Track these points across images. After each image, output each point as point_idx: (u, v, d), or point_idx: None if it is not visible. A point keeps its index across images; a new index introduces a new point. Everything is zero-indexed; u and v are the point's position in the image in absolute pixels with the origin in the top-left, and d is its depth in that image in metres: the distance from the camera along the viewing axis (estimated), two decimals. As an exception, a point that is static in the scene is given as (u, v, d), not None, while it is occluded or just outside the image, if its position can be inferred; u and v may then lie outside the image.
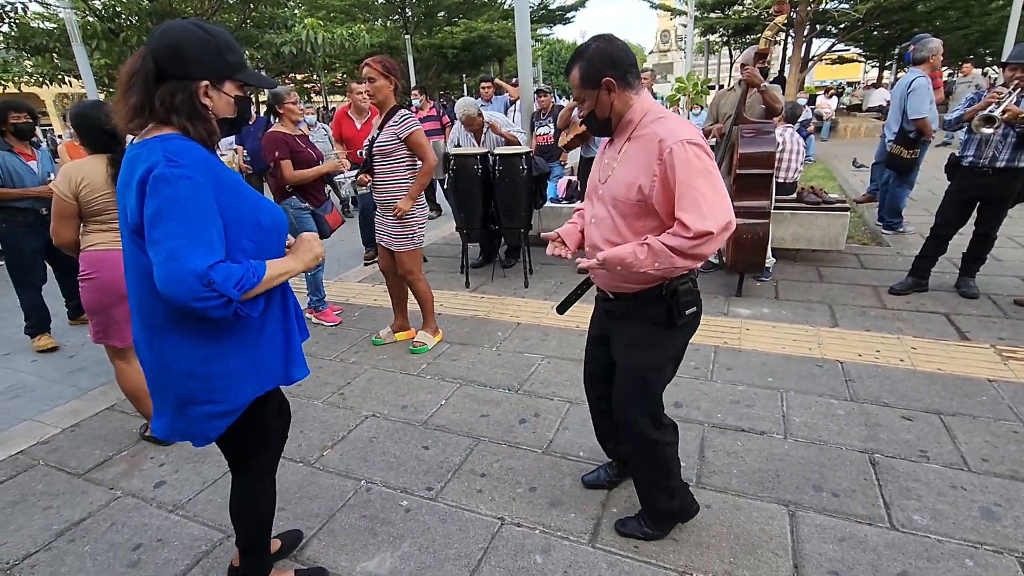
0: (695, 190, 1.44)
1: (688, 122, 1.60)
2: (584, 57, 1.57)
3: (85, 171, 2.36)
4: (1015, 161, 3.41)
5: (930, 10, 14.92)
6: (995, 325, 3.36)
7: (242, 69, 1.37)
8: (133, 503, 2.24)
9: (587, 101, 1.61)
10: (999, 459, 2.20)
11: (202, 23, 1.32)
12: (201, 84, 1.29)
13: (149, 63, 1.26)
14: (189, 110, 1.28)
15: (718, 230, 1.44)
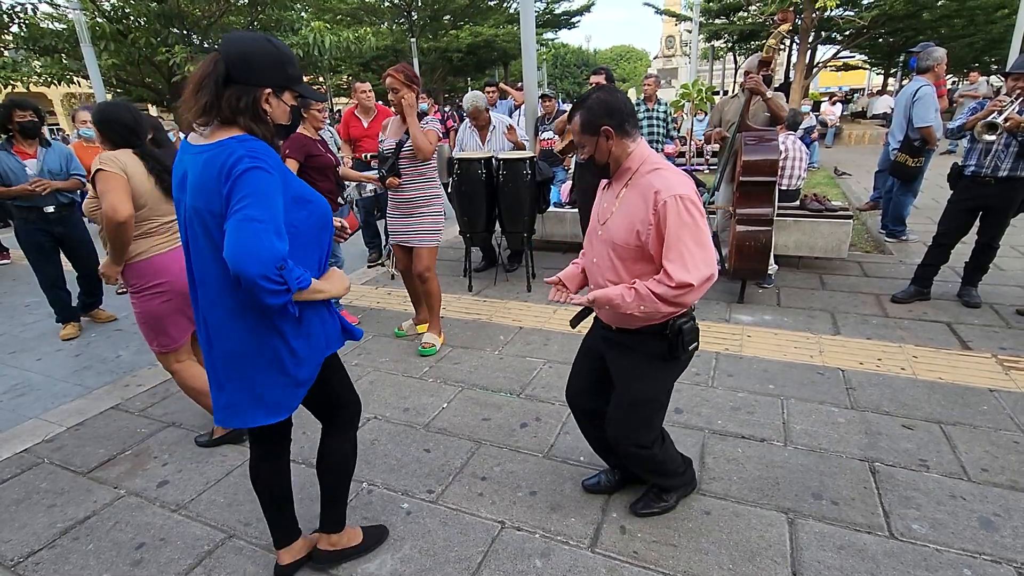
0: (682, 243, 1.57)
1: (682, 175, 1.67)
2: (585, 106, 1.69)
3: (125, 159, 2.32)
4: (1017, 171, 3.42)
5: (935, 18, 14.91)
6: (997, 335, 3.36)
7: (299, 82, 1.48)
8: (136, 502, 2.26)
9: (587, 147, 1.72)
10: (999, 469, 2.20)
11: (271, 37, 1.45)
12: (264, 91, 1.40)
13: (220, 67, 1.36)
14: (253, 113, 1.39)
15: (698, 283, 1.57)
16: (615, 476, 2.18)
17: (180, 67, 9.70)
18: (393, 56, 20.43)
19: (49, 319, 4.34)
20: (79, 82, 11.73)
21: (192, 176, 1.40)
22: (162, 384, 3.27)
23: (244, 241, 1.28)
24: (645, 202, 1.61)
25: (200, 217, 1.40)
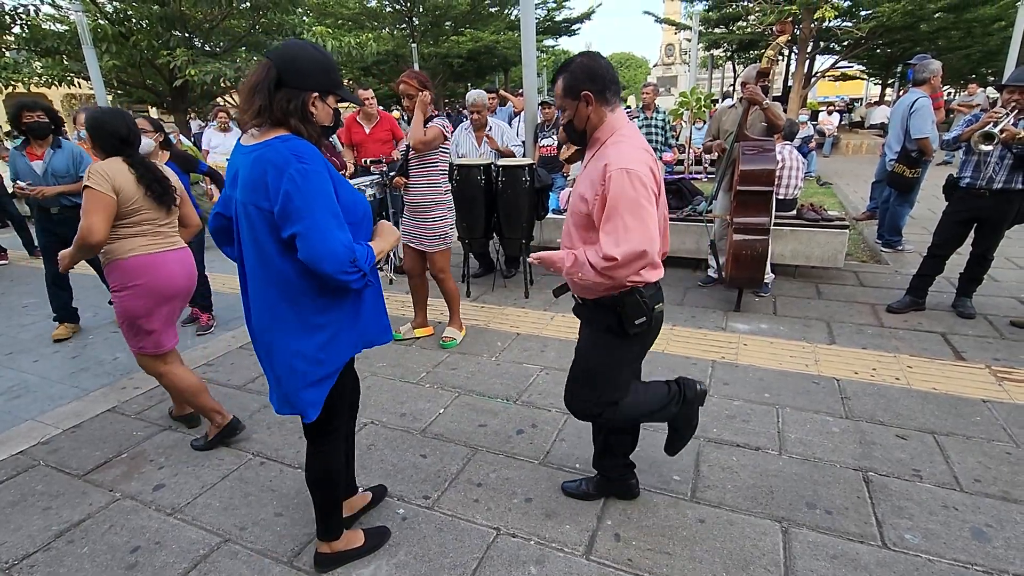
0: (619, 216, 1.57)
1: (641, 151, 1.65)
2: (568, 69, 1.69)
3: (116, 169, 2.33)
4: (1012, 183, 3.45)
5: (933, 30, 15.02)
6: (991, 346, 3.39)
7: (341, 86, 1.59)
8: (132, 505, 2.26)
9: (567, 110, 1.73)
10: (991, 480, 2.22)
11: (317, 45, 1.58)
12: (312, 94, 1.50)
13: (272, 73, 1.47)
14: (301, 114, 1.50)
15: (622, 258, 1.56)
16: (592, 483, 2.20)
17: (181, 70, 9.72)
18: (394, 61, 20.48)
19: (47, 320, 4.34)
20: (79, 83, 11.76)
21: (242, 174, 1.50)
22: (159, 387, 3.27)
23: (316, 246, 1.42)
24: (597, 172, 1.63)
25: (247, 211, 1.50)
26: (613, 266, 1.58)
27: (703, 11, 18.25)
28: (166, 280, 2.45)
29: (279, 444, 2.65)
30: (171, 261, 2.48)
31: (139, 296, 2.39)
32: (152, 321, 2.44)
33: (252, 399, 3.09)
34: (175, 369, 2.57)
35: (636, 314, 1.71)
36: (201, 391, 2.60)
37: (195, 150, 6.63)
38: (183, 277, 2.53)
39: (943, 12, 13.87)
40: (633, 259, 1.57)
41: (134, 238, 2.41)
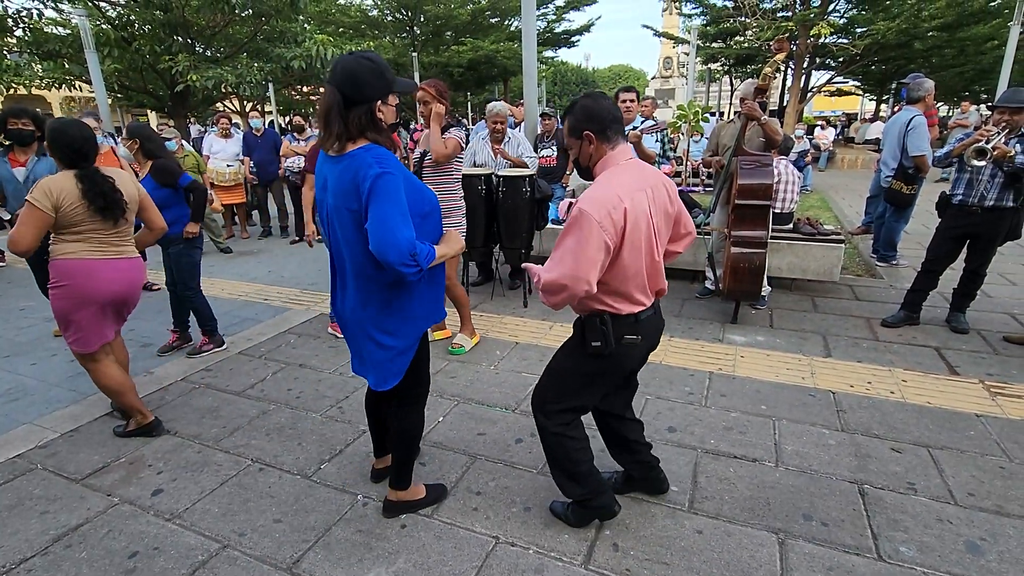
0: (562, 245, 1.70)
1: (609, 189, 1.70)
2: (572, 111, 1.82)
3: (62, 185, 2.43)
4: (1003, 201, 3.51)
5: (927, 48, 15.25)
6: (984, 360, 3.43)
7: (395, 83, 1.75)
8: (130, 510, 2.25)
9: (573, 148, 1.85)
10: (985, 494, 2.24)
11: (367, 54, 1.72)
12: (375, 104, 1.70)
13: (338, 97, 1.66)
14: (373, 126, 1.71)
15: (544, 283, 1.71)
16: (621, 478, 2.29)
17: (183, 75, 9.76)
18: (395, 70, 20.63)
19: (45, 323, 4.33)
20: (80, 86, 11.78)
21: (331, 181, 1.75)
22: (157, 392, 3.27)
23: (383, 235, 1.62)
24: None
25: (339, 213, 1.74)
26: (543, 287, 1.73)
27: (701, 26, 18.49)
28: (95, 286, 2.55)
29: (278, 451, 2.65)
30: (107, 269, 2.58)
31: (65, 296, 2.52)
32: (78, 321, 2.55)
33: (251, 405, 3.10)
34: (102, 367, 2.69)
35: (592, 336, 1.81)
36: (127, 391, 2.73)
37: (197, 156, 6.66)
38: (118, 284, 2.63)
39: (937, 31, 14.09)
40: (554, 288, 1.70)
41: (75, 243, 2.52)
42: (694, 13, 18.77)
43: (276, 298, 5.02)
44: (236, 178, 7.25)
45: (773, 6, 16.57)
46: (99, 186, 2.49)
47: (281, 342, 4.00)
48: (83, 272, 2.52)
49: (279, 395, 3.20)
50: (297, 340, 4.02)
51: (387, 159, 1.67)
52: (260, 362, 3.67)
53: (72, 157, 2.48)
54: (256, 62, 10.73)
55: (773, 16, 15.82)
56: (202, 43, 11.66)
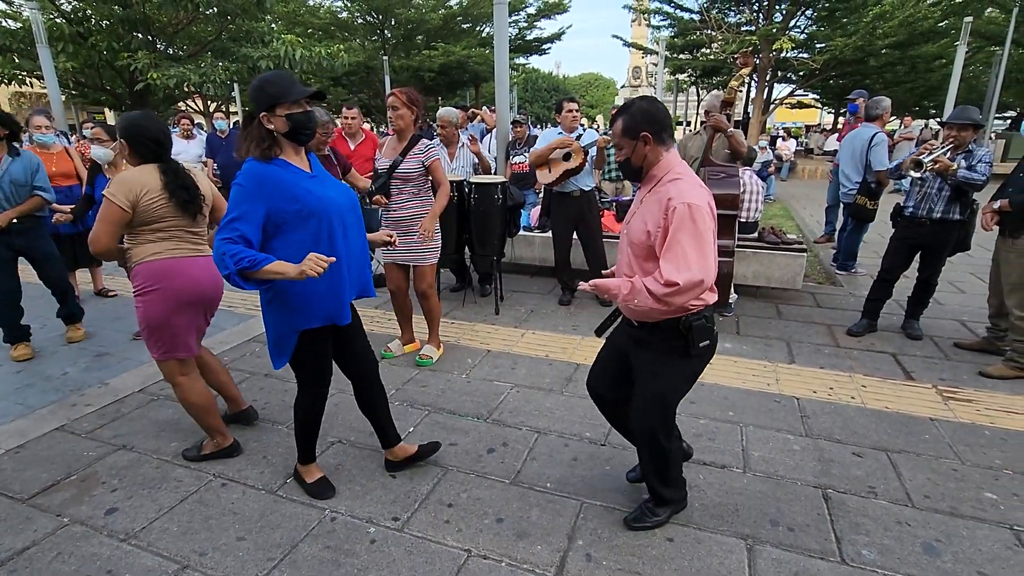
0: (680, 245, 1.68)
1: (699, 187, 1.78)
2: (629, 112, 1.83)
3: (143, 180, 2.31)
4: (949, 213, 3.68)
5: (881, 65, 15.96)
6: (937, 366, 3.58)
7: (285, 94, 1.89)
8: (81, 531, 2.14)
9: (625, 149, 1.86)
10: (940, 496, 2.33)
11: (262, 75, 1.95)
12: (260, 116, 1.89)
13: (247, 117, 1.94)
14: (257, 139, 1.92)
15: (684, 284, 1.66)
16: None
17: (142, 73, 9.45)
18: (365, 72, 20.41)
19: (-12, 332, 4.09)
20: (31, 82, 11.26)
21: None
22: (113, 404, 3.13)
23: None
24: (660, 206, 1.75)
25: None
26: (673, 292, 1.67)
27: (669, 37, 18.88)
28: (190, 285, 2.42)
29: (241, 465, 2.56)
30: (196, 267, 2.46)
31: (161, 300, 2.36)
32: (173, 327, 2.40)
33: (213, 417, 2.98)
34: (191, 382, 2.52)
35: (701, 336, 1.83)
36: (210, 411, 2.56)
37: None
38: (208, 282, 2.50)
39: (890, 48, 14.76)
40: (693, 286, 1.68)
41: (160, 242, 2.39)
42: (662, 25, 19.17)
43: (240, 305, 4.88)
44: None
45: (738, 20, 17.07)
46: (182, 179, 2.40)
47: (246, 351, 3.88)
48: (176, 272, 2.38)
49: (243, 406, 3.10)
50: (262, 349, 3.91)
51: (244, 172, 1.90)
52: (223, 372, 3.54)
53: (156, 150, 2.38)
54: (221, 62, 10.46)
55: (738, 30, 16.30)
56: (164, 41, 11.31)
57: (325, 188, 2.04)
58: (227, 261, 1.79)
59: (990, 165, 3.54)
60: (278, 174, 1.92)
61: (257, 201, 1.87)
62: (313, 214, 1.96)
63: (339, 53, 11.24)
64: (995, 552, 2.02)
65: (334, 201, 2.04)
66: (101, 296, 5.10)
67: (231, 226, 1.84)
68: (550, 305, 4.78)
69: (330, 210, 2.01)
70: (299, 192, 1.93)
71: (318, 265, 1.85)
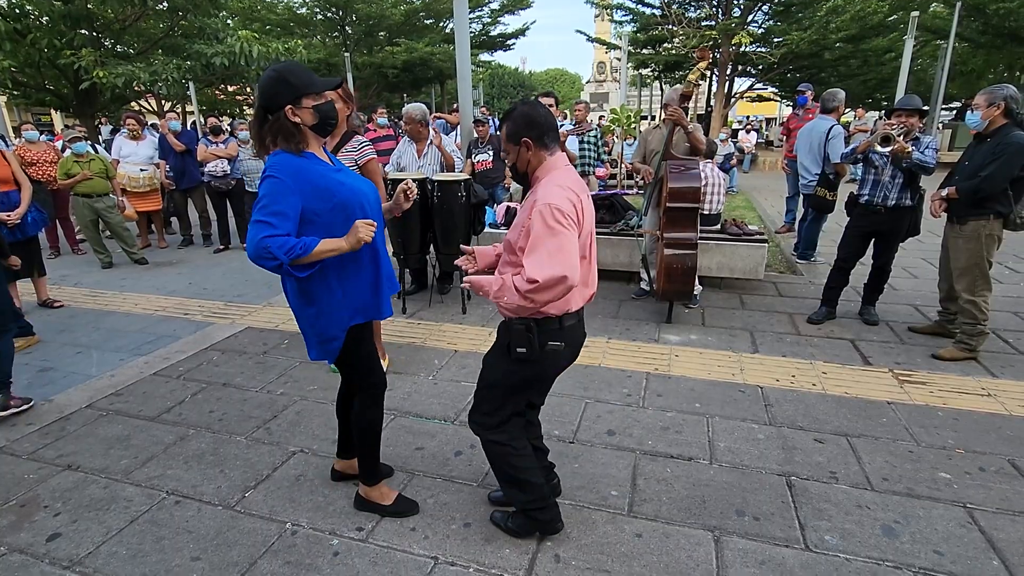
0: (541, 243, 1.67)
1: (562, 188, 1.73)
2: (511, 117, 1.82)
3: None
4: (902, 200, 3.80)
5: (835, 58, 16.46)
6: (893, 350, 3.68)
7: (310, 85, 1.83)
8: (20, 560, 2.01)
9: (511, 154, 1.85)
10: (897, 478, 2.39)
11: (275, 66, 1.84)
12: (286, 109, 1.80)
13: (259, 111, 1.84)
14: (281, 131, 1.81)
15: (544, 280, 1.64)
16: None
17: (88, 71, 9.00)
18: (326, 70, 19.95)
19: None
20: (-34, 83, 10.63)
21: None
22: (57, 422, 2.96)
23: (248, 236, 1.77)
24: (528, 207, 1.76)
25: None
26: (535, 288, 1.65)
27: (631, 32, 19.06)
28: None
29: (197, 480, 2.45)
30: None
31: None
32: None
33: (167, 431, 2.86)
34: None
35: (518, 342, 1.80)
36: None
37: (104, 160, 6.14)
38: None
39: (843, 42, 15.23)
40: (554, 283, 1.65)
41: None
42: (625, 20, 19.33)
43: (197, 312, 4.70)
44: (151, 183, 6.75)
45: (697, 15, 17.32)
46: None
47: (202, 360, 3.73)
48: None
49: (199, 418, 2.98)
50: (220, 357, 3.76)
51: (278, 165, 1.79)
52: (178, 383, 3.40)
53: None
54: (173, 59, 10.06)
55: (698, 25, 16.54)
56: (110, 38, 10.80)
57: (354, 180, 2.00)
58: (276, 253, 1.73)
59: (936, 151, 3.65)
60: (312, 167, 1.85)
61: (294, 194, 1.79)
62: (348, 206, 1.91)
63: (297, 49, 10.94)
64: (950, 531, 2.08)
65: (365, 192, 1.99)
66: (46, 307, 4.83)
67: (272, 220, 1.74)
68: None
69: (364, 201, 1.96)
70: (332, 185, 1.88)
71: (370, 229, 1.85)
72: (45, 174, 6.21)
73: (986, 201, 3.34)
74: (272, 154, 1.82)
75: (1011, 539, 2.04)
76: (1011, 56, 15.67)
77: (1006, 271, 5.50)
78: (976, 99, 3.38)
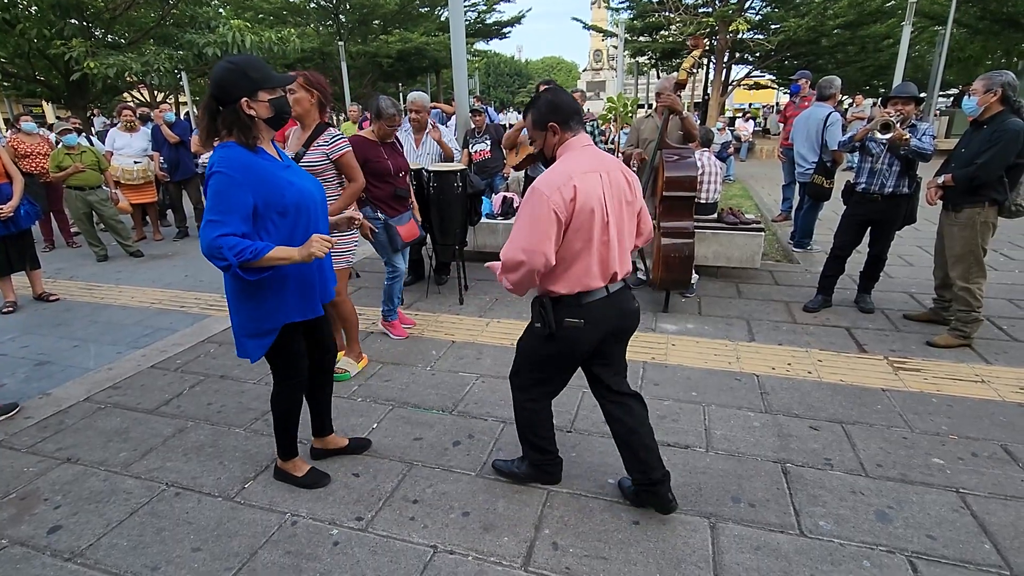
0: (517, 223, 1.81)
1: (563, 175, 1.78)
2: (536, 106, 1.91)
3: None
4: (899, 188, 3.80)
5: (832, 45, 16.40)
6: (888, 338, 3.71)
7: (267, 79, 1.85)
8: (22, 552, 2.02)
9: (537, 140, 1.94)
10: (891, 464, 2.42)
11: (233, 58, 1.87)
12: (242, 102, 1.81)
13: (211, 101, 1.83)
14: (238, 122, 1.83)
15: (505, 260, 1.82)
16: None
17: (79, 62, 8.90)
18: (320, 59, 19.78)
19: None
20: (-45, 74, 10.51)
21: None
22: (55, 415, 2.96)
23: (200, 230, 1.80)
24: None
25: None
26: (503, 267, 1.84)
27: (628, 19, 18.91)
28: None
29: (196, 472, 2.46)
30: None
31: None
32: None
33: (165, 423, 2.86)
34: None
35: (535, 318, 1.97)
36: None
37: (96, 153, 6.09)
38: None
39: (840, 29, 15.17)
40: (514, 265, 1.78)
41: None
42: (621, 7, 19.18)
43: (194, 304, 4.69)
44: (145, 175, 6.70)
45: (695, 2, 17.19)
46: None
47: (200, 352, 3.73)
48: None
49: (197, 411, 2.98)
50: (218, 349, 3.77)
51: (228, 159, 1.81)
52: (176, 375, 3.41)
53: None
54: (165, 49, 9.95)
55: (695, 12, 16.42)
56: (100, 27, 10.67)
57: (302, 179, 2.01)
58: (225, 254, 1.75)
59: (933, 138, 3.65)
60: (263, 164, 1.87)
61: (246, 191, 1.80)
62: (295, 207, 1.94)
63: (291, 38, 10.83)
64: (942, 515, 2.11)
65: (311, 193, 2.01)
66: (42, 300, 4.82)
67: (223, 219, 1.77)
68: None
69: (308, 203, 1.99)
70: (282, 184, 1.90)
71: (325, 245, 1.89)
72: (38, 167, 6.17)
73: (981, 188, 3.34)
74: (220, 146, 1.84)
75: (1003, 523, 2.06)
76: (1009, 42, 15.62)
77: (1001, 258, 5.52)
78: (974, 85, 3.37)
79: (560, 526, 2.09)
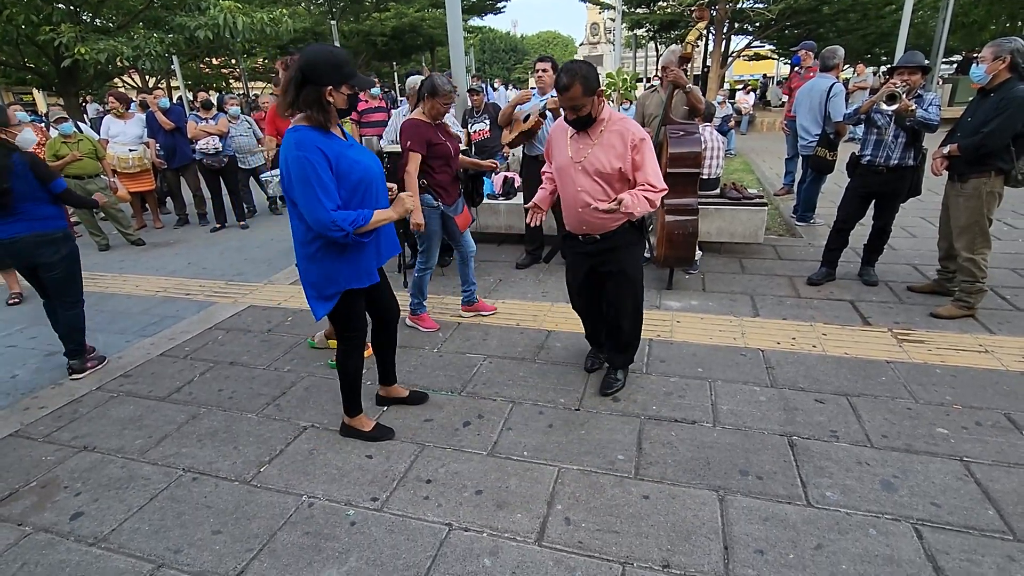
0: (654, 165, 2.44)
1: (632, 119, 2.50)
2: (581, 75, 2.30)
3: None
4: (904, 160, 3.77)
5: (834, 12, 16.05)
6: (892, 310, 3.72)
7: (353, 77, 2.06)
8: (46, 539, 2.07)
9: (586, 107, 2.36)
10: (896, 435, 2.45)
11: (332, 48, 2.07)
12: (326, 89, 2.01)
13: (297, 73, 1.98)
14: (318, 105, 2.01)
15: (662, 187, 2.43)
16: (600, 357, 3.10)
17: (68, 48, 8.76)
18: (312, 39, 19.42)
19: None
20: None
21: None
22: (69, 404, 3.00)
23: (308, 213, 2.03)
24: (623, 141, 2.40)
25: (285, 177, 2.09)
26: (661, 191, 2.40)
27: (626, -9, 18.49)
28: None
29: (212, 457, 2.51)
30: None
31: None
32: None
33: (178, 410, 2.90)
34: None
35: (635, 241, 2.67)
36: None
37: (93, 141, 6.04)
38: None
39: (842, -5, 14.83)
40: (663, 191, 2.44)
41: None
42: (618, -22, 18.73)
43: (199, 292, 4.70)
44: (141, 163, 6.64)
45: (693, -29, 16.79)
46: None
47: (208, 339, 3.76)
48: None
49: (209, 397, 3.02)
50: (225, 336, 3.79)
51: (303, 143, 1.98)
52: (186, 363, 3.44)
53: None
54: (155, 33, 9.78)
55: (694, -19, 16.04)
56: (88, 12, 10.48)
57: (364, 156, 2.20)
58: (342, 225, 2.02)
59: (939, 107, 3.61)
60: (333, 145, 2.05)
61: (326, 168, 2.00)
62: (361, 182, 2.14)
63: (283, 19, 10.65)
64: (947, 483, 2.15)
65: (373, 169, 2.21)
66: (47, 292, 4.82)
67: (324, 197, 1.99)
68: (519, 273, 4.76)
69: (371, 177, 2.19)
70: (351, 164, 2.10)
71: (412, 201, 2.26)
72: (34, 157, 6.10)
73: (988, 157, 3.32)
74: (291, 130, 2.02)
75: (1006, 490, 2.10)
76: (1014, 5, 15.28)
77: (1004, 227, 5.51)
78: (982, 52, 3.31)
79: (572, 502, 2.14)
